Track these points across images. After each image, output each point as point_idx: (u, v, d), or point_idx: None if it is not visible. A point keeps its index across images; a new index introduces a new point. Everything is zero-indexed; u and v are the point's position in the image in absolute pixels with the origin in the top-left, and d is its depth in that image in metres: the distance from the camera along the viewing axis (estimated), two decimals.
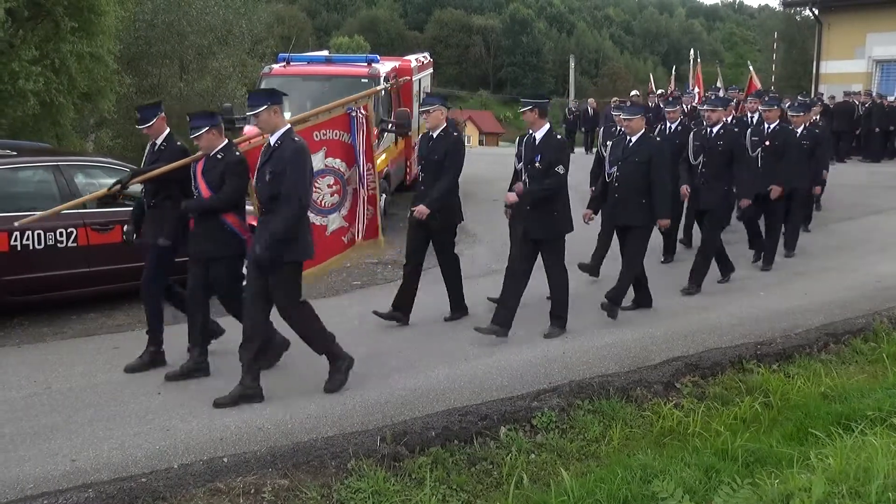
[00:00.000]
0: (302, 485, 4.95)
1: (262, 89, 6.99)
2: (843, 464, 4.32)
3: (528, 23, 75.80)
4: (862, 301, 8.65)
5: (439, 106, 7.67)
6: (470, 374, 6.52)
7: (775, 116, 10.19)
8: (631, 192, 7.83)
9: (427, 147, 7.73)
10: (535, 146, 7.36)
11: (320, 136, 6.81)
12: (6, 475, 4.80)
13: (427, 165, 7.71)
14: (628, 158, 7.88)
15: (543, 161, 7.26)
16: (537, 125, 7.36)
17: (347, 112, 6.95)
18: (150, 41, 26.43)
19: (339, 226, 6.96)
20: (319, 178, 6.71)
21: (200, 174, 6.34)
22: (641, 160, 7.79)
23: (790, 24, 41.60)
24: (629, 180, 7.84)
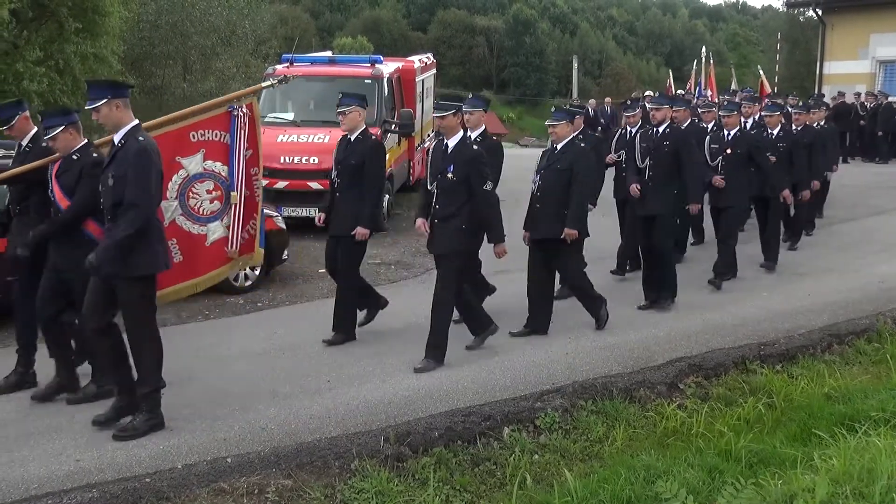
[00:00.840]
0: (305, 485, 4.96)
1: (103, 79, 6.63)
2: (847, 464, 4.32)
3: (532, 23, 75.70)
4: (865, 302, 8.64)
5: (356, 107, 7.17)
6: (473, 374, 6.52)
7: (735, 122, 9.49)
8: (552, 202, 7.36)
9: (343, 152, 7.26)
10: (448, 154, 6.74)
11: (198, 137, 6.26)
12: (10, 475, 4.81)
13: (343, 170, 7.22)
14: (551, 166, 7.44)
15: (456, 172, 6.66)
16: (453, 132, 6.74)
17: (229, 111, 6.38)
18: (153, 42, 26.51)
19: (222, 235, 6.36)
20: (198, 183, 6.22)
21: (55, 177, 5.76)
22: (563, 168, 7.35)
23: (793, 24, 41.57)
24: (550, 190, 7.39)
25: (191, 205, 6.19)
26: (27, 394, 6.15)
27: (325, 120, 12.03)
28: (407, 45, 62.01)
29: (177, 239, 6.12)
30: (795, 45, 39.97)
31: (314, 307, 7.25)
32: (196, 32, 27.43)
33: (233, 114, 6.37)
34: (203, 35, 27.70)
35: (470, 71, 73.25)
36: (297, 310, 8.42)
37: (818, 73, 24.88)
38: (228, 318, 8.24)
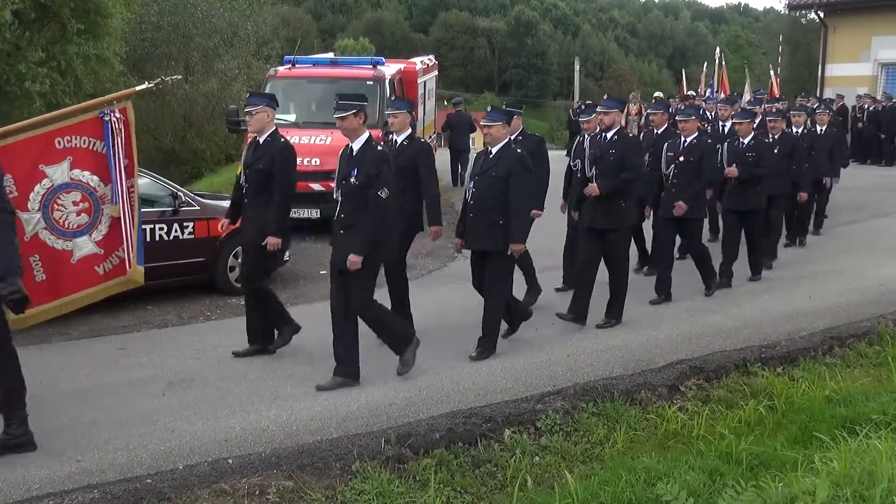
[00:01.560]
0: (306, 486, 4.96)
1: None
2: (848, 467, 4.32)
3: (533, 25, 75.76)
4: (866, 304, 8.64)
5: (263, 107, 6.77)
6: (474, 376, 6.52)
7: (692, 128, 8.78)
8: (486, 211, 6.83)
9: (251, 155, 6.86)
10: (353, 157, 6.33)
11: (64, 144, 5.85)
12: (12, 475, 4.82)
13: (250, 174, 6.82)
14: (486, 172, 6.87)
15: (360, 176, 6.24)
16: (356, 134, 6.28)
17: (100, 116, 5.96)
18: (155, 43, 26.55)
19: (90, 252, 5.97)
20: (63, 194, 5.83)
21: None
22: (499, 175, 6.78)
23: (795, 27, 41.53)
24: (485, 198, 6.86)
25: (55, 217, 5.81)
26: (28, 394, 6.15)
27: (326, 122, 12.02)
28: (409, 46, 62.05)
29: (39, 255, 5.78)
30: (797, 48, 39.94)
31: (315, 308, 7.25)
32: (198, 34, 27.46)
33: (104, 119, 5.98)
34: (205, 36, 27.73)
35: (472, 72, 73.30)
36: (298, 311, 8.40)
37: (820, 76, 24.87)
38: (230, 319, 8.25)
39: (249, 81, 29.04)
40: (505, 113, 7.20)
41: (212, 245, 8.81)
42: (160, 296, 8.73)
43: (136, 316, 8.34)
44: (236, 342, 7.14)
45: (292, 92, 13.44)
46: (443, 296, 8.94)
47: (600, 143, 7.87)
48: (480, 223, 6.84)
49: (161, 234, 8.54)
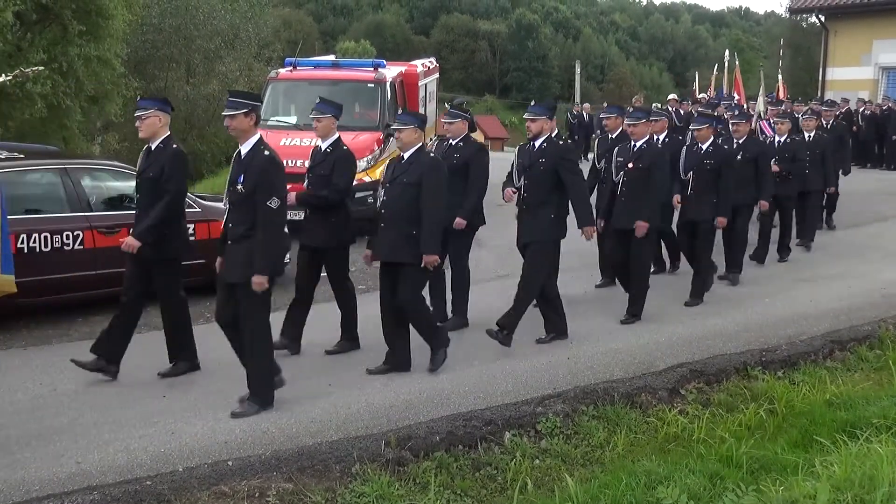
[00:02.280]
0: (306, 489, 4.96)
1: None
2: (848, 471, 4.32)
3: (534, 28, 75.82)
4: (867, 308, 8.63)
5: (155, 111, 6.40)
6: (475, 379, 6.52)
7: (642, 132, 8.14)
8: (397, 221, 6.43)
9: (142, 163, 6.58)
10: None
11: None
12: (12, 477, 4.82)
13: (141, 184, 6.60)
14: (397, 179, 6.52)
15: None
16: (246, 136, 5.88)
17: None
18: (157, 45, 26.57)
19: None
20: None
21: None
22: (410, 182, 6.41)
23: (796, 30, 41.54)
24: (395, 207, 6.47)
25: None
26: (26, 396, 6.16)
27: None
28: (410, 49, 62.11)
29: None
30: (798, 52, 39.94)
31: (316, 311, 7.25)
32: (199, 36, 27.49)
33: None
34: (206, 38, 27.76)
35: (472, 75, 73.36)
36: None
37: (821, 80, 24.90)
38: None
39: (251, 83, 29.05)
40: (416, 117, 6.85)
41: (212, 247, 8.79)
42: None
43: None
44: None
45: (293, 94, 13.44)
46: None
47: (529, 151, 7.42)
48: (391, 234, 6.43)
49: None
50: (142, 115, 6.37)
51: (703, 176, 8.79)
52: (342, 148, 7.17)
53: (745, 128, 9.93)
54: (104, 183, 8.81)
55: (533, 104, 7.84)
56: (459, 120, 7.79)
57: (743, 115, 10.62)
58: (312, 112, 7.31)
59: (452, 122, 7.85)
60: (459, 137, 7.79)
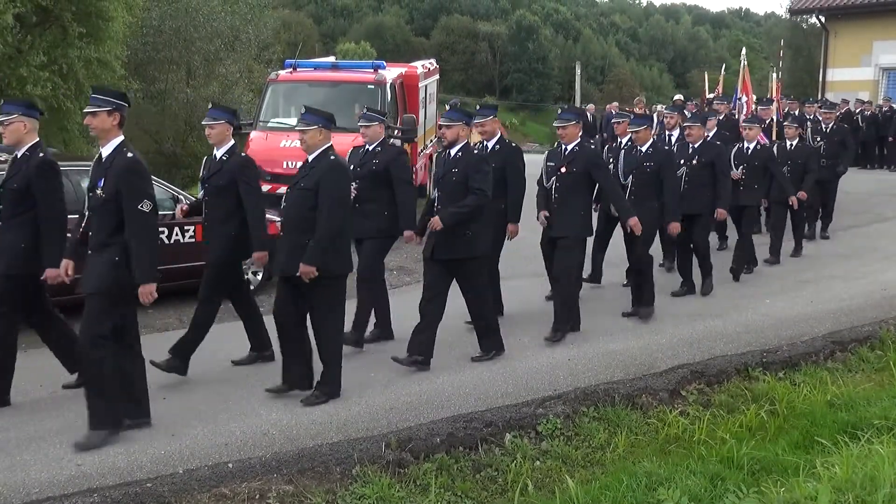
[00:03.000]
0: (307, 490, 4.95)
1: None
2: (850, 472, 4.31)
3: (535, 29, 75.71)
4: (868, 309, 8.63)
5: (19, 116, 5.92)
6: (475, 380, 6.52)
7: (572, 134, 7.55)
8: (293, 230, 6.02)
9: (8, 171, 6.07)
10: None
11: None
12: (12, 479, 4.82)
13: (4, 194, 6.10)
14: (297, 184, 6.14)
15: None
16: (108, 137, 5.44)
17: None
18: (157, 47, 26.53)
19: None
20: None
21: None
22: (308, 187, 5.96)
23: (796, 31, 41.50)
24: (293, 213, 6.09)
25: None
26: (28, 398, 6.16)
27: None
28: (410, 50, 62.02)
29: None
30: (798, 53, 39.91)
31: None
32: (199, 37, 27.43)
33: None
34: (206, 40, 27.71)
35: (472, 77, 73.28)
36: None
37: (821, 81, 24.90)
38: (231, 323, 8.21)
39: (251, 85, 29.05)
40: (323, 117, 6.31)
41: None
42: (161, 299, 8.57)
43: (138, 319, 8.31)
44: (236, 346, 7.14)
45: (293, 96, 13.44)
46: None
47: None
48: (288, 243, 6.02)
49: (162, 238, 8.54)
50: (3, 120, 5.87)
51: (642, 179, 8.26)
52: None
53: (700, 132, 9.30)
54: None
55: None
56: (377, 123, 7.41)
57: (700, 118, 9.79)
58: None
59: (369, 125, 7.39)
60: (377, 142, 7.39)
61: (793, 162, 10.87)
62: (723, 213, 9.44)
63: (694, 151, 9.26)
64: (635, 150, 8.46)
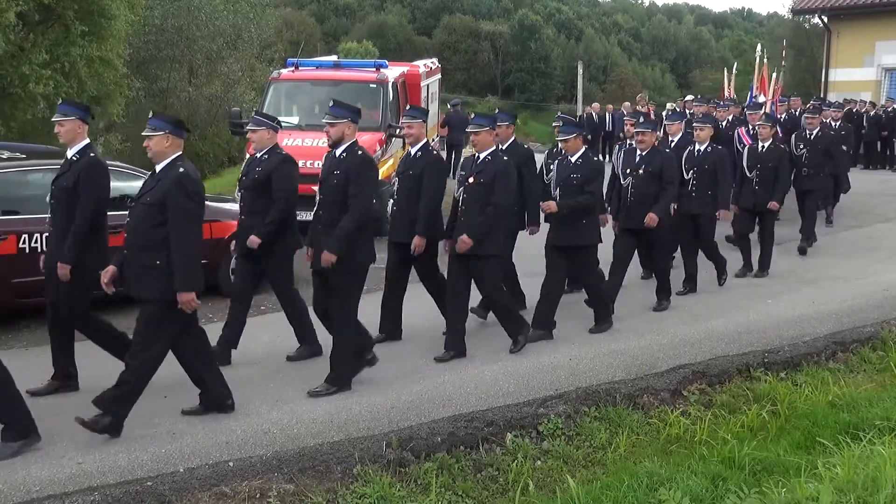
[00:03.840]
0: (307, 490, 4.95)
1: None
2: (851, 473, 4.30)
3: (537, 29, 75.70)
4: (870, 310, 8.62)
5: None
6: (476, 379, 6.51)
7: (484, 140, 7.09)
8: (139, 248, 5.51)
9: None
10: None
11: None
12: (13, 477, 4.81)
13: None
14: (142, 197, 5.63)
15: None
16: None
17: None
18: (159, 45, 26.58)
19: None
20: None
21: None
22: (154, 201, 5.43)
23: (799, 31, 41.49)
24: (138, 230, 5.55)
25: None
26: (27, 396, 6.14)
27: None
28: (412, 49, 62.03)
29: None
30: (801, 53, 39.91)
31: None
32: (202, 36, 27.49)
33: None
34: (209, 39, 27.76)
35: (475, 76, 73.29)
36: None
37: (823, 81, 24.89)
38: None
39: (253, 84, 29.07)
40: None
41: (214, 247, 8.79)
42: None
43: None
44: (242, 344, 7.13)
45: (295, 95, 13.44)
46: None
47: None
48: (132, 264, 5.50)
49: None
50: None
51: (570, 192, 7.50)
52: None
53: (651, 137, 8.30)
54: None
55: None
56: (263, 129, 7.00)
57: (651, 123, 8.86)
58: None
59: (256, 129, 7.00)
60: (265, 149, 6.99)
61: (763, 165, 9.87)
62: (654, 218, 8.03)
63: (641, 160, 8.25)
64: (566, 161, 7.70)
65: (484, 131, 6.98)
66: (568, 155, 7.61)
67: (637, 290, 9.30)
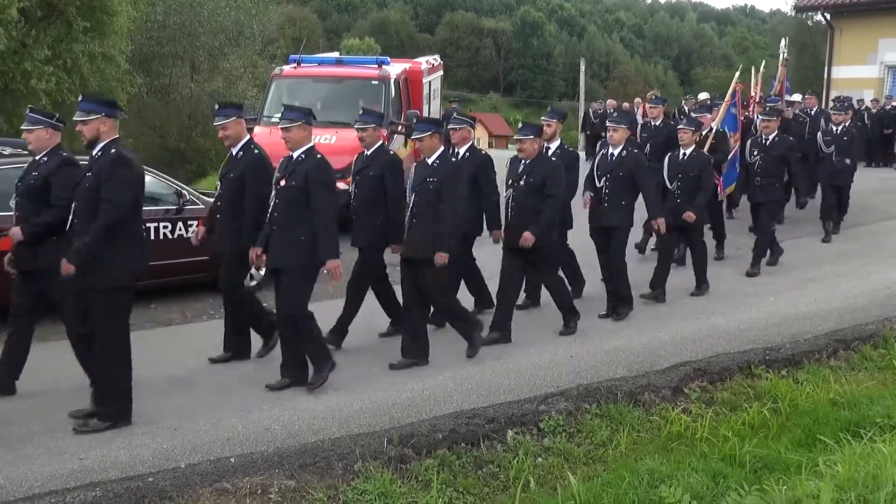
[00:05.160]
0: (308, 486, 4.95)
1: None
2: (852, 471, 4.30)
3: (539, 26, 75.80)
4: (872, 307, 8.61)
5: None
6: (478, 376, 6.51)
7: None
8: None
9: None
10: None
11: None
12: (14, 473, 4.82)
13: None
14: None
15: None
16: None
17: None
18: (161, 42, 26.59)
19: None
20: None
21: None
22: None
23: (802, 29, 41.45)
24: None
25: None
26: (28, 392, 6.16)
27: (331, 121, 12.03)
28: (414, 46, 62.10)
29: None
30: (804, 50, 39.86)
31: (319, 308, 7.21)
32: (204, 32, 27.50)
33: None
34: (211, 35, 27.77)
35: (477, 73, 73.37)
36: None
37: (826, 78, 24.84)
38: None
39: (255, 80, 29.06)
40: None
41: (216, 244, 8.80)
42: (164, 294, 8.74)
43: (140, 314, 8.31)
44: None
45: (297, 91, 13.44)
46: None
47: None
48: None
49: (165, 232, 8.56)
50: None
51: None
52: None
53: (533, 145, 7.40)
54: None
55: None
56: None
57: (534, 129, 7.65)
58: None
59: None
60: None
61: (684, 175, 8.97)
62: (529, 238, 7.16)
63: (524, 169, 7.38)
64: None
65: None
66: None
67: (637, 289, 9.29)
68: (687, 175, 8.90)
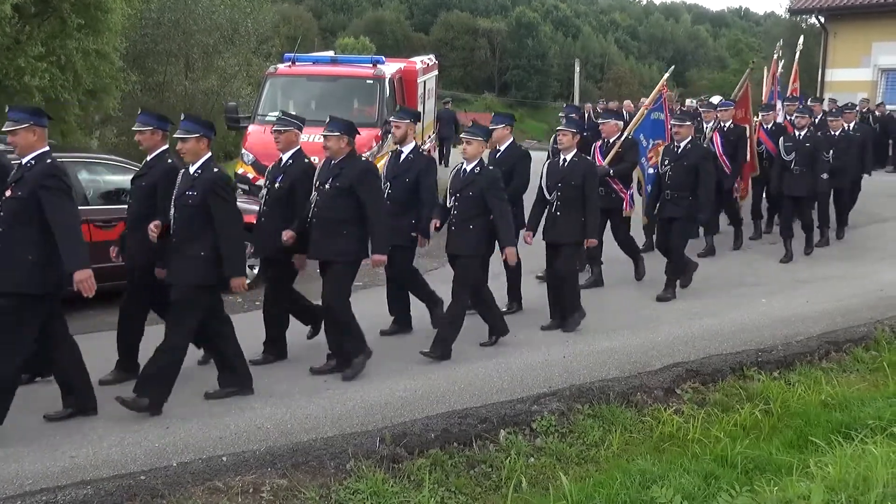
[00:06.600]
0: (300, 485, 4.95)
1: None
2: (843, 472, 4.32)
3: (534, 26, 75.69)
4: (864, 309, 8.63)
5: None
6: (470, 376, 6.52)
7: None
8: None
9: None
10: None
11: None
12: (5, 470, 4.81)
13: None
14: None
15: None
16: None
17: None
18: (155, 39, 26.49)
19: None
20: None
21: None
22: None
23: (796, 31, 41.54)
24: None
25: None
26: (21, 389, 6.13)
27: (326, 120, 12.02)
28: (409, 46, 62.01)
29: None
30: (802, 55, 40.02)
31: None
32: (199, 30, 27.41)
33: None
34: (205, 33, 27.69)
35: (472, 73, 73.24)
36: None
37: (820, 81, 24.89)
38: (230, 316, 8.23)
39: (249, 79, 29.01)
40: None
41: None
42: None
43: None
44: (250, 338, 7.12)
45: (292, 90, 13.44)
46: (441, 295, 8.91)
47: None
48: None
49: None
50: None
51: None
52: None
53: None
54: (101, 177, 8.80)
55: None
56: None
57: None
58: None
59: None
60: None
61: (564, 185, 7.80)
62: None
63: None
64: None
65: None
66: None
67: (632, 288, 9.32)
68: (568, 185, 7.74)
